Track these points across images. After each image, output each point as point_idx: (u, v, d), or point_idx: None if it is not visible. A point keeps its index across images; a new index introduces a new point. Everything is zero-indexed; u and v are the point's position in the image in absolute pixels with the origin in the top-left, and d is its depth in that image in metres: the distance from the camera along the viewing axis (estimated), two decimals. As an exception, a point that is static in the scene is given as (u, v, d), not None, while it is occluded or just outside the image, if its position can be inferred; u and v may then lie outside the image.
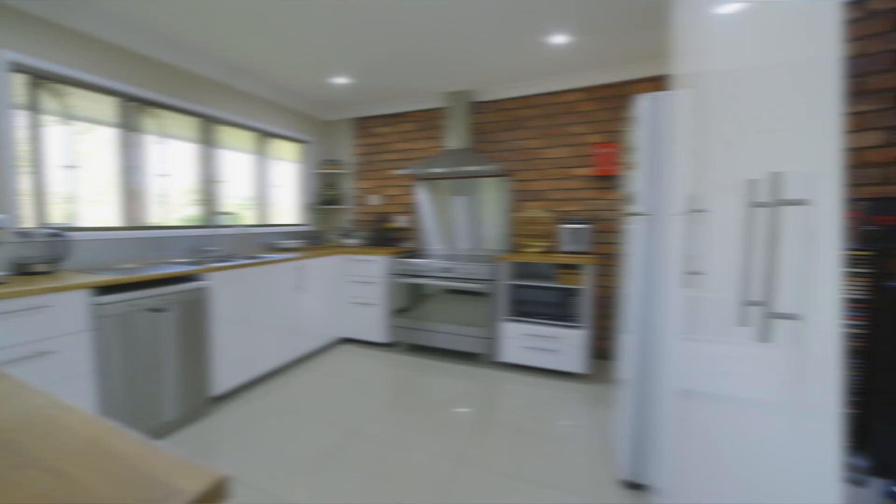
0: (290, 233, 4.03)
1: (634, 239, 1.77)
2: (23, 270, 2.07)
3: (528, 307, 3.15)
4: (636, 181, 1.76)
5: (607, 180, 3.45)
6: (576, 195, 3.55)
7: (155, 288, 2.18)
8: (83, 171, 2.54)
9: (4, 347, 1.64)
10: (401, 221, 4.19)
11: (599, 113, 3.45)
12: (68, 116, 2.44)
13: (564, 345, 3.00)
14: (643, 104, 1.73)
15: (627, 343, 1.83)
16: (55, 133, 2.40)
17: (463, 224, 3.89)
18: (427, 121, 4.07)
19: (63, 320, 1.80)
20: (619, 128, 3.38)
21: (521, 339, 3.11)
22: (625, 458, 1.83)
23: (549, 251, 3.57)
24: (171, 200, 3.08)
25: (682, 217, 1.24)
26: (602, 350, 3.51)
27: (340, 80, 3.49)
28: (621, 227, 3.39)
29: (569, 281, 3.06)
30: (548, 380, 3.04)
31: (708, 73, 1.05)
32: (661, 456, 1.55)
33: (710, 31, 1.06)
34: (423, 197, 4.05)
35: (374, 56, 3.01)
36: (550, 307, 3.09)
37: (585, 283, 3.00)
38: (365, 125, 4.36)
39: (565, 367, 3.01)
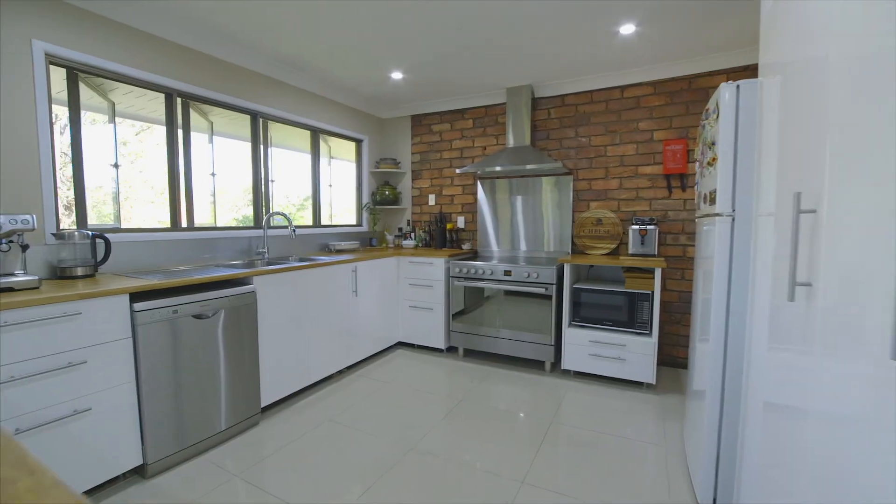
0: (345, 234, 4.09)
1: (716, 242, 1.64)
2: (60, 274, 2.05)
3: (593, 312, 3.04)
4: (717, 179, 1.63)
5: (677, 179, 3.26)
6: (643, 194, 3.38)
7: (200, 293, 2.13)
8: (129, 171, 2.52)
9: (35, 358, 1.57)
10: (460, 222, 4.17)
11: (668, 108, 3.26)
12: (113, 113, 2.41)
13: (632, 352, 2.88)
14: (726, 94, 1.59)
15: (707, 352, 1.71)
16: (99, 130, 2.36)
17: (524, 225, 3.81)
18: (486, 117, 3.99)
19: (99, 328, 1.75)
20: (690, 124, 3.18)
21: (585, 346, 3.01)
22: (705, 477, 1.71)
23: (614, 253, 3.43)
24: (223, 201, 3.08)
25: (784, 219, 1.13)
26: (671, 358, 3.35)
27: (396, 76, 3.47)
28: (693, 229, 3.22)
29: (636, 285, 2.93)
30: (614, 389, 2.93)
31: (810, 60, 0.94)
32: (747, 476, 1.44)
33: (809, 13, 0.96)
34: (482, 196, 3.99)
35: (431, 50, 2.96)
36: (617, 312, 2.97)
37: (654, 288, 2.86)
38: (422, 122, 4.34)
39: (633, 376, 2.89)
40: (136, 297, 1.93)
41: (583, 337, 3.02)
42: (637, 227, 3.12)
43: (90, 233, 2.18)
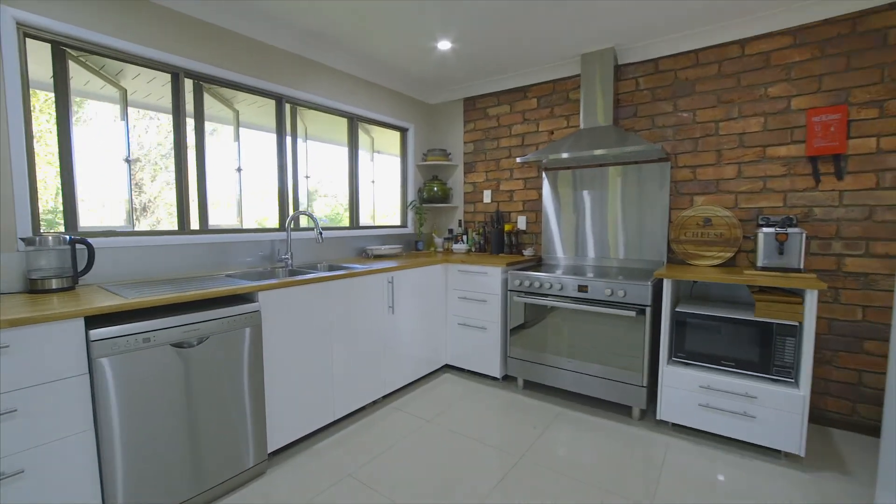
0: (387, 236, 3.57)
1: None
2: (31, 287, 1.72)
3: (706, 346, 2.23)
4: None
5: (829, 162, 2.34)
6: (773, 185, 2.49)
7: (189, 313, 1.69)
8: (129, 168, 2.23)
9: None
10: (521, 223, 3.48)
11: (815, 64, 2.35)
12: (110, 97, 2.09)
13: (766, 407, 2.04)
14: None
15: None
16: (94, 118, 2.06)
17: (601, 226, 3.03)
18: (555, 94, 3.27)
19: (38, 364, 1.34)
20: (853, 83, 2.25)
21: (693, 393, 2.21)
22: None
23: (730, 264, 2.58)
24: (267, 200, 2.72)
25: None
26: (817, 412, 2.43)
27: (444, 45, 2.83)
28: (854, 233, 2.24)
29: (774, 312, 2.08)
30: (736, 455, 2.10)
31: None
32: None
33: None
34: (548, 192, 3.27)
35: (486, 5, 2.31)
36: (742, 349, 2.14)
37: (803, 318, 1.99)
38: (476, 106, 3.70)
39: (766, 440, 2.05)
40: (96, 321, 1.50)
41: (689, 379, 2.22)
42: (770, 229, 2.25)
43: (68, 237, 1.80)
